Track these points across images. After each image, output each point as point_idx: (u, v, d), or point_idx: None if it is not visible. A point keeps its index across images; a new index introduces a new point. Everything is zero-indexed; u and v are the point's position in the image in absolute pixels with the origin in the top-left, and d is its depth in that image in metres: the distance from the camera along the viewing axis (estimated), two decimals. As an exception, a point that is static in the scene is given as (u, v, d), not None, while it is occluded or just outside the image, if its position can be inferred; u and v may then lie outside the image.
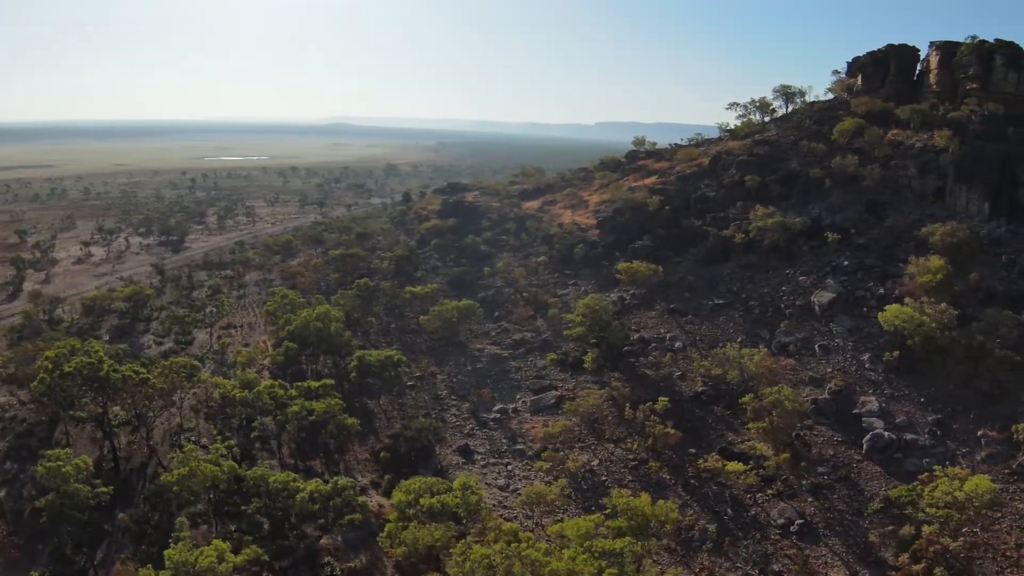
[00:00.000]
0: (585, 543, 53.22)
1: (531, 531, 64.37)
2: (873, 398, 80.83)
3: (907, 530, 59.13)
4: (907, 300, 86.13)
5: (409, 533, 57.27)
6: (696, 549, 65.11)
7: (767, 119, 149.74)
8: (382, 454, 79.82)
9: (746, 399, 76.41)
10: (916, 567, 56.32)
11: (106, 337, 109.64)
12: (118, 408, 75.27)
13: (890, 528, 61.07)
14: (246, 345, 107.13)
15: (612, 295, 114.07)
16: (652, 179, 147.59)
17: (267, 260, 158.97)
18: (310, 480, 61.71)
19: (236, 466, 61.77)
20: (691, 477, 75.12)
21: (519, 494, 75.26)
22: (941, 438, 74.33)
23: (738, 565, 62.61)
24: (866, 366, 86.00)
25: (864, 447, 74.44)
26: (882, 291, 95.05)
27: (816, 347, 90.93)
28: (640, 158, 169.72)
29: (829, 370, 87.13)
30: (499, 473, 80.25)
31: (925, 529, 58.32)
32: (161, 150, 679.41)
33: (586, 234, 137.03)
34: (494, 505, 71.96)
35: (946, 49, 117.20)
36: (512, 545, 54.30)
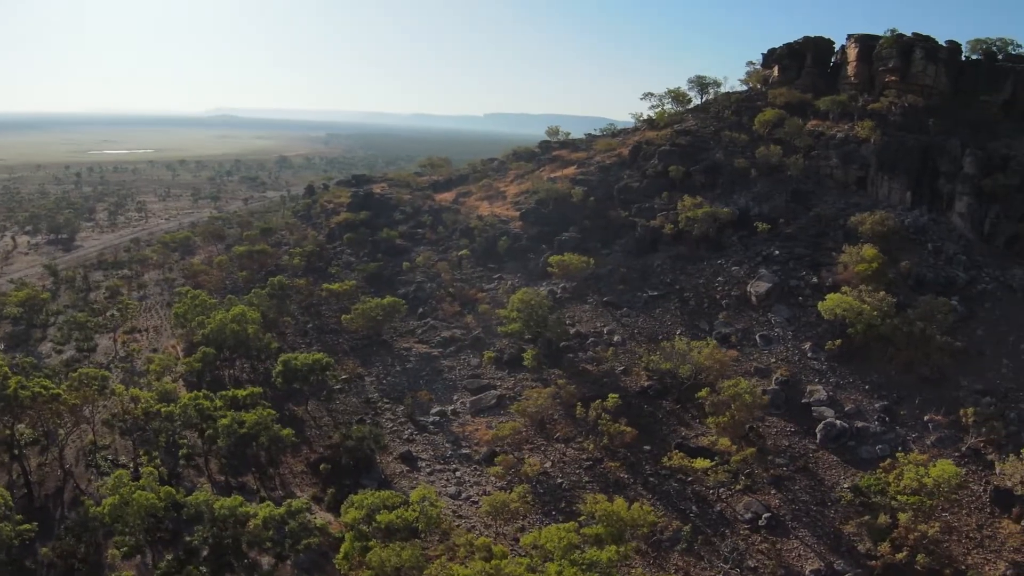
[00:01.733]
0: (571, 555, 49.74)
1: (496, 543, 60.35)
2: (820, 387, 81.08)
3: (883, 519, 58.68)
4: (844, 289, 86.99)
5: (375, 555, 52.19)
6: (667, 550, 62.96)
7: (682, 109, 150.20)
8: (322, 466, 73.81)
9: (703, 393, 74.84)
10: (899, 556, 55.90)
11: (1, 346, 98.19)
12: (23, 426, 66.18)
13: (866, 518, 60.54)
14: (154, 351, 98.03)
15: (542, 288, 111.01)
16: (571, 169, 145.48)
17: (167, 258, 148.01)
18: (260, 504, 55.56)
19: (173, 492, 54.72)
20: (649, 475, 73.00)
21: (474, 502, 71.43)
22: (890, 424, 75.13)
23: (718, 564, 60.75)
24: (808, 355, 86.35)
25: (818, 436, 74.41)
26: (815, 280, 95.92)
27: (757, 337, 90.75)
28: (555, 148, 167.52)
29: (773, 360, 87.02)
30: (448, 480, 75.77)
31: (901, 517, 58.04)
32: (40, 144, 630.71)
33: (508, 226, 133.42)
34: (441, 513, 67.46)
35: (864, 42, 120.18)
36: (492, 563, 50.35)
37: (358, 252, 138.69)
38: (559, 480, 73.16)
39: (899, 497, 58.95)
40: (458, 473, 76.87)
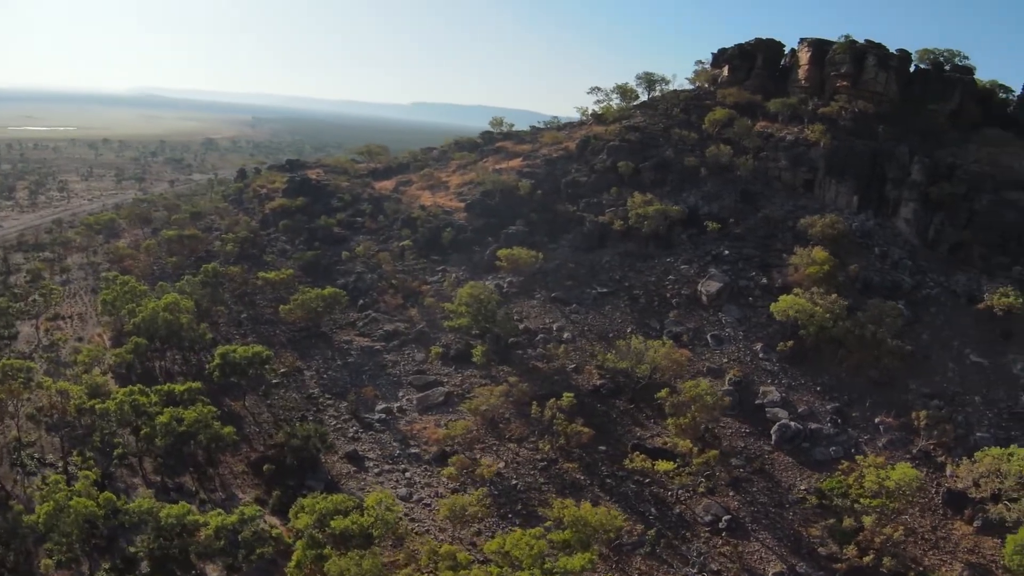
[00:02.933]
0: (546, 564, 47.45)
1: (457, 549, 57.55)
2: (773, 388, 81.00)
3: (848, 522, 58.40)
4: (796, 290, 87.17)
5: (333, 564, 48.81)
6: (628, 553, 61.35)
7: (627, 105, 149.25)
8: (265, 466, 69.55)
9: (663, 394, 73.56)
10: (866, 559, 55.68)
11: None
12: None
13: (831, 521, 60.19)
14: (80, 339, 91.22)
15: (488, 282, 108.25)
16: (517, 162, 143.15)
17: (91, 241, 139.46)
18: (202, 508, 51.31)
19: (114, 499, 49.92)
20: (606, 476, 71.36)
21: (426, 504, 68.55)
22: (843, 426, 75.46)
23: (681, 568, 59.41)
24: (760, 356, 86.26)
25: (773, 438, 74.12)
26: (765, 281, 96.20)
27: (709, 337, 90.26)
28: (498, 140, 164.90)
29: (725, 360, 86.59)
30: (398, 481, 72.49)
31: (866, 520, 57.85)
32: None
33: (452, 217, 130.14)
34: (398, 518, 64.34)
35: (817, 46, 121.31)
36: (461, 572, 47.68)
37: (294, 240, 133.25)
38: (514, 481, 70.79)
39: (862, 500, 58.79)
40: (408, 474, 73.71)
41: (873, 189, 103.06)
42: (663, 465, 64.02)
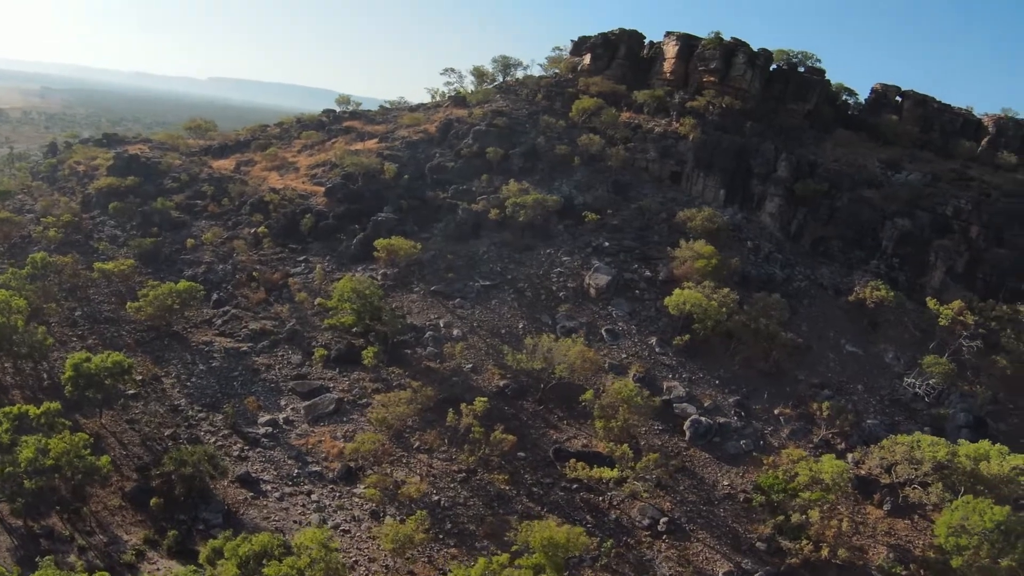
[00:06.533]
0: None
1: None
2: (677, 383, 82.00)
3: (796, 517, 59.92)
4: (688, 284, 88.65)
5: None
6: (576, 566, 59.41)
7: (483, 87, 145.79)
8: (153, 500, 60.17)
9: (588, 396, 72.08)
10: (822, 553, 57.34)
11: None
12: None
13: (780, 518, 61.47)
14: None
15: (359, 274, 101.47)
16: (373, 143, 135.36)
17: None
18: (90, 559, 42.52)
19: (6, 572, 39.89)
20: (532, 485, 68.97)
21: (345, 530, 62.89)
22: (747, 419, 77.83)
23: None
24: (657, 350, 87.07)
25: (687, 434, 74.95)
26: (649, 274, 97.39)
27: (603, 332, 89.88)
28: (345, 119, 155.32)
29: (624, 356, 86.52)
30: (305, 506, 65.99)
31: (812, 514, 59.59)
32: None
33: (310, 202, 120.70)
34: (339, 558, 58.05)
35: (685, 41, 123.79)
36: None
37: (125, 225, 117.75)
38: (436, 497, 66.51)
39: (801, 494, 60.54)
40: (314, 496, 67.13)
41: (739, 183, 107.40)
42: (607, 473, 62.38)
